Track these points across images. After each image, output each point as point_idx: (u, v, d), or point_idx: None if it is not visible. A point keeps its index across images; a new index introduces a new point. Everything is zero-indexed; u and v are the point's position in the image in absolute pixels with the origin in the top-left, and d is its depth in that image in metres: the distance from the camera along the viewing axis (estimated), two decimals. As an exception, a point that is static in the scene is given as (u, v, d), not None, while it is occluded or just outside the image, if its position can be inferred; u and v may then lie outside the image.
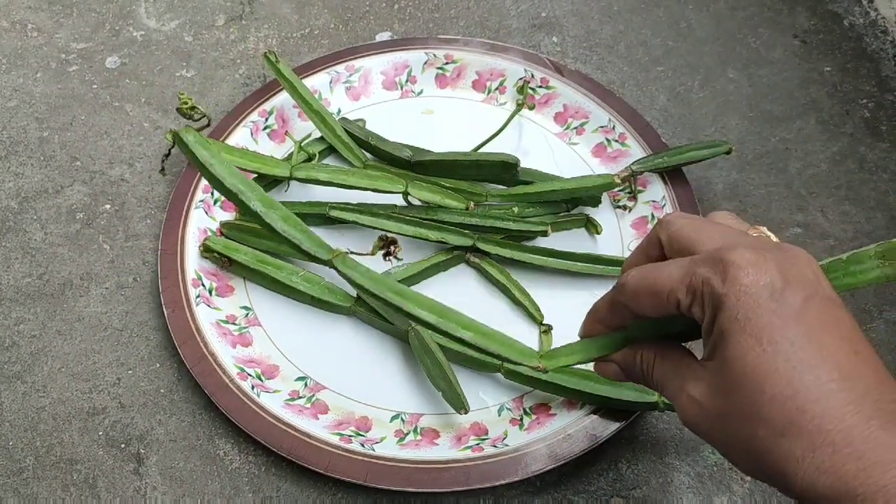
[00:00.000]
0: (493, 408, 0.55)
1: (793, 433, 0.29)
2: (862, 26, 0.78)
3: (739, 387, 0.31)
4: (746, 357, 0.30)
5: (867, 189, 0.66)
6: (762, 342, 0.30)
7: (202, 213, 0.62)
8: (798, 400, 0.29)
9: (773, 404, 0.30)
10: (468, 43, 0.72)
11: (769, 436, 0.30)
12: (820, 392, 0.29)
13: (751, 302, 0.31)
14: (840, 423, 0.28)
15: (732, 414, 0.31)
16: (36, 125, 0.70)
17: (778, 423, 0.29)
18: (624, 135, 0.66)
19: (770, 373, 0.30)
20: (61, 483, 0.53)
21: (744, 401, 0.31)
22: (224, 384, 0.53)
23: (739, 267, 0.31)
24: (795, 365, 0.29)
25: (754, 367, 0.30)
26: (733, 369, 0.31)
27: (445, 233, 0.59)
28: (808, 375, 0.29)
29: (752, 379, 0.30)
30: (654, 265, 0.36)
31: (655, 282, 0.35)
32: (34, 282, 0.61)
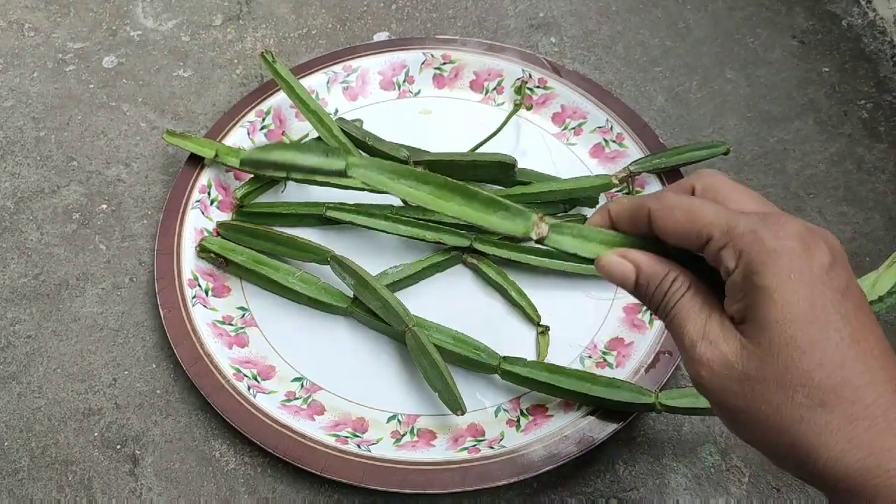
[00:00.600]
0: (489, 409, 0.55)
1: (833, 403, 0.29)
2: (860, 27, 0.77)
3: (784, 349, 0.30)
4: (799, 321, 0.29)
5: (865, 190, 0.66)
6: (815, 309, 0.30)
7: (199, 214, 0.62)
8: (845, 371, 0.29)
9: (820, 372, 0.29)
10: (466, 43, 0.72)
11: (806, 403, 0.29)
12: (865, 366, 0.29)
13: (805, 268, 0.30)
14: (880, 399, 0.29)
15: (767, 378, 0.30)
16: (32, 125, 0.70)
17: (819, 392, 0.29)
18: (622, 135, 0.66)
19: (821, 341, 0.29)
20: (56, 484, 0.52)
21: (786, 364, 0.30)
22: (220, 385, 0.53)
23: (792, 234, 0.31)
24: (845, 337, 0.29)
25: (806, 332, 0.29)
26: (780, 330, 0.30)
27: (442, 233, 0.59)
28: (855, 349, 0.29)
29: (800, 344, 0.29)
30: (701, 199, 0.34)
31: (697, 209, 0.32)
32: (30, 282, 0.61)
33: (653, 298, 0.35)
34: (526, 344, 0.58)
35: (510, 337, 0.58)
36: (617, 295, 0.60)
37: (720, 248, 0.32)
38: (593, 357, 0.57)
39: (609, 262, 0.35)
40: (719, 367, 0.31)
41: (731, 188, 0.34)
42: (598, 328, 0.58)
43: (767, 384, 0.30)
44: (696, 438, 0.54)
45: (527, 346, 0.58)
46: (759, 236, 0.31)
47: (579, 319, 0.59)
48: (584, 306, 0.59)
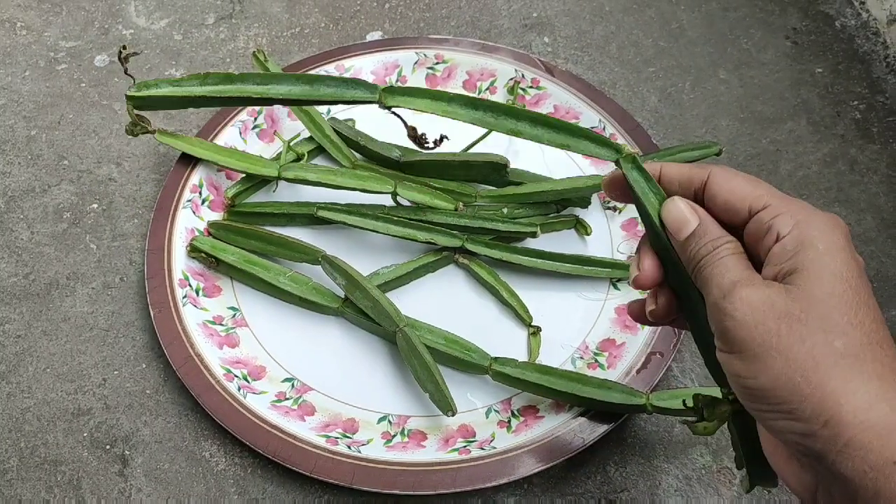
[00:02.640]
0: (480, 410, 0.55)
1: (868, 358, 0.31)
2: (853, 28, 0.77)
3: (832, 299, 0.31)
4: (849, 280, 0.32)
5: (857, 191, 0.66)
6: (862, 278, 0.33)
7: (190, 213, 0.61)
8: (879, 335, 0.31)
9: (860, 329, 0.31)
10: (459, 43, 0.72)
11: (842, 351, 0.31)
12: (890, 340, 0.32)
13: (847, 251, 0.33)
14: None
15: (810, 319, 0.31)
16: (24, 124, 0.70)
17: (857, 344, 0.31)
18: (615, 135, 0.66)
19: (864, 304, 0.32)
20: (45, 484, 0.52)
21: (830, 312, 0.31)
22: (210, 385, 0.53)
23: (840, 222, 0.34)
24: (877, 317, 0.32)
25: (854, 292, 0.32)
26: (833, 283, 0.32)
27: (434, 233, 0.59)
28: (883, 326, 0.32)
29: (848, 300, 0.32)
30: None
31: (756, 182, 0.36)
32: (20, 281, 0.61)
33: (702, 249, 0.36)
34: (517, 345, 0.58)
35: (501, 338, 0.58)
36: (609, 296, 0.60)
37: (776, 215, 0.34)
38: (585, 358, 0.57)
39: (678, 205, 0.37)
40: (760, 303, 0.32)
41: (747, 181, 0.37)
42: (590, 329, 0.58)
43: (809, 325, 0.31)
44: (688, 440, 0.54)
45: (518, 347, 0.57)
46: (815, 213, 0.34)
47: (571, 320, 0.59)
48: (575, 307, 0.59)
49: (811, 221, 0.33)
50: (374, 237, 0.61)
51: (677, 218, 0.37)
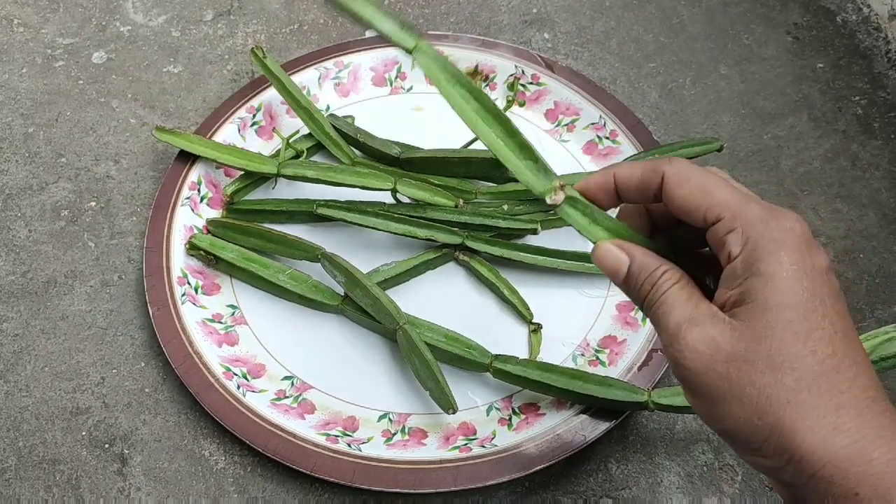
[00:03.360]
0: (481, 407, 0.54)
1: (822, 389, 0.29)
2: (855, 23, 0.77)
3: (779, 333, 0.30)
4: (798, 307, 0.30)
5: (859, 187, 0.66)
6: (815, 300, 0.31)
7: (188, 211, 0.61)
8: (836, 360, 0.30)
9: (812, 358, 0.30)
10: (458, 39, 0.71)
11: (794, 387, 0.30)
12: (852, 360, 0.30)
13: (807, 264, 0.31)
14: (867, 392, 0.29)
15: (757, 359, 0.30)
16: (21, 121, 0.69)
17: (809, 377, 0.30)
18: (615, 132, 0.66)
19: (817, 330, 0.30)
20: (44, 483, 0.52)
21: (779, 348, 0.30)
22: (209, 384, 0.53)
23: (799, 230, 0.32)
24: (838, 331, 0.30)
25: (804, 320, 0.30)
26: (778, 315, 0.30)
27: (434, 230, 0.59)
28: (845, 344, 0.30)
29: (796, 329, 0.30)
30: (715, 176, 0.34)
31: (712, 185, 0.33)
32: (18, 280, 0.60)
33: (641, 289, 0.35)
34: (518, 342, 0.57)
35: (502, 335, 0.57)
36: (610, 293, 0.59)
37: (728, 231, 0.32)
38: (586, 355, 0.56)
39: (606, 249, 0.36)
40: (705, 347, 0.32)
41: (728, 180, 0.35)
42: (591, 326, 0.58)
43: (756, 365, 0.30)
44: (689, 437, 0.54)
45: (519, 345, 0.57)
46: (768, 225, 0.31)
47: (572, 317, 0.58)
48: (576, 304, 0.59)
49: (762, 238, 0.31)
50: (374, 234, 0.61)
51: (609, 264, 0.36)
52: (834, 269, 0.32)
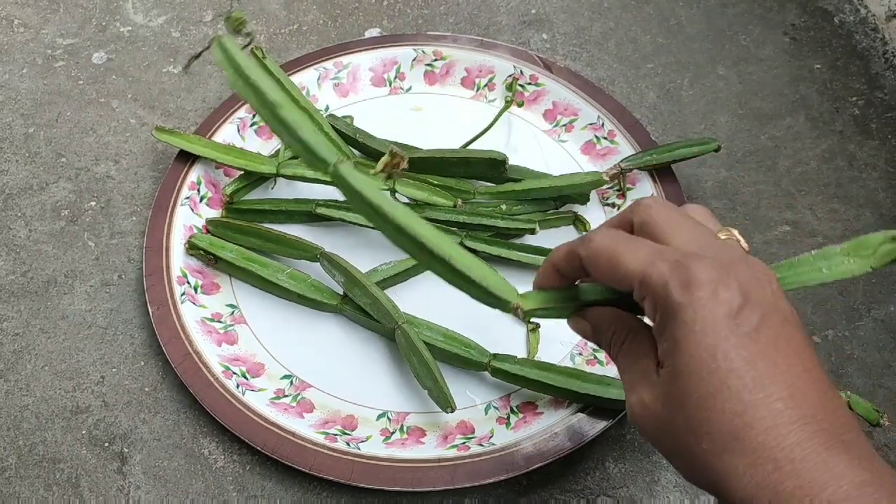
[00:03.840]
0: (479, 406, 0.55)
1: (737, 449, 0.30)
2: (852, 23, 0.77)
3: (689, 399, 0.31)
4: (700, 371, 0.30)
5: (856, 187, 0.66)
6: (716, 359, 0.30)
7: (188, 211, 0.61)
8: (746, 417, 0.29)
9: (722, 419, 0.30)
10: (457, 39, 0.71)
11: (713, 450, 0.30)
12: (767, 410, 0.29)
13: (708, 316, 0.31)
14: (783, 441, 0.29)
15: (678, 425, 0.31)
16: (21, 121, 0.69)
17: (723, 438, 0.30)
18: (613, 132, 0.66)
19: (721, 389, 0.30)
20: (44, 482, 0.52)
21: (692, 413, 0.31)
22: (209, 382, 0.53)
23: (700, 282, 0.31)
24: (747, 383, 0.30)
25: (707, 382, 0.30)
26: (685, 381, 0.31)
27: (433, 230, 0.59)
28: (758, 393, 0.30)
29: (703, 393, 0.30)
30: (627, 237, 0.35)
31: (619, 256, 0.34)
32: (18, 279, 0.60)
33: (605, 348, 0.38)
34: (516, 341, 0.58)
35: (500, 334, 0.57)
36: (608, 292, 0.60)
37: (641, 299, 0.33)
38: (583, 354, 0.57)
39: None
40: (641, 411, 0.33)
41: (666, 221, 0.35)
42: (589, 325, 0.58)
43: (680, 431, 0.31)
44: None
45: (517, 344, 0.57)
46: (668, 289, 0.31)
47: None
48: (574, 303, 0.59)
49: (666, 304, 0.32)
50: (373, 234, 0.61)
51: (580, 333, 0.39)
52: None
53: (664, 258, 0.32)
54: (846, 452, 0.29)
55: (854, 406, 0.49)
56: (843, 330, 0.58)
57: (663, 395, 0.32)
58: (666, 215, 0.35)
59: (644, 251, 0.33)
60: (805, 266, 0.38)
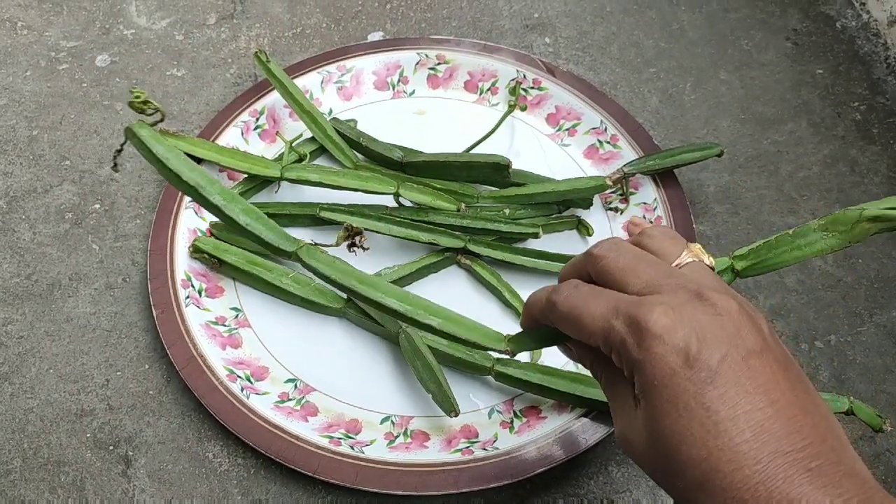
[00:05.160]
0: (483, 410, 0.55)
1: (707, 490, 0.30)
2: (854, 29, 0.78)
3: (659, 444, 0.32)
4: (664, 420, 0.31)
5: (858, 192, 0.66)
6: (678, 408, 0.31)
7: (192, 214, 0.61)
8: (711, 461, 0.30)
9: (689, 465, 0.30)
10: (460, 43, 0.72)
11: (687, 487, 0.31)
12: (732, 453, 0.30)
13: (666, 370, 0.31)
14: (749, 481, 0.29)
15: (654, 465, 0.33)
16: (25, 124, 0.70)
17: (694, 481, 0.31)
18: (616, 136, 0.66)
19: (686, 437, 0.31)
20: (49, 485, 0.52)
21: (666, 453, 0.31)
22: (213, 386, 0.53)
23: (654, 335, 0.31)
24: (709, 429, 0.30)
25: (671, 431, 0.31)
26: (653, 428, 0.32)
27: (436, 234, 0.59)
28: (720, 438, 0.30)
29: (670, 441, 0.31)
30: (584, 296, 0.35)
31: (580, 318, 0.35)
32: (22, 282, 0.61)
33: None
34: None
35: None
36: (610, 296, 0.60)
37: (609, 353, 0.34)
38: (587, 358, 0.57)
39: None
40: (625, 442, 0.34)
41: (618, 269, 0.36)
42: (592, 330, 0.58)
43: (657, 466, 0.32)
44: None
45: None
46: (626, 348, 0.32)
47: (573, 321, 0.59)
48: (577, 308, 0.59)
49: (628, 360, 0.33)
50: (377, 238, 0.61)
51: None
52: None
53: (619, 313, 0.33)
54: (810, 483, 0.29)
55: (856, 411, 0.49)
56: (846, 335, 0.59)
57: (642, 434, 0.33)
58: (618, 263, 0.36)
59: (600, 309, 0.34)
60: (784, 245, 0.39)
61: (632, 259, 0.36)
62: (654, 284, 0.34)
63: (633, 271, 0.35)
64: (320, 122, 0.65)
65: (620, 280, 0.35)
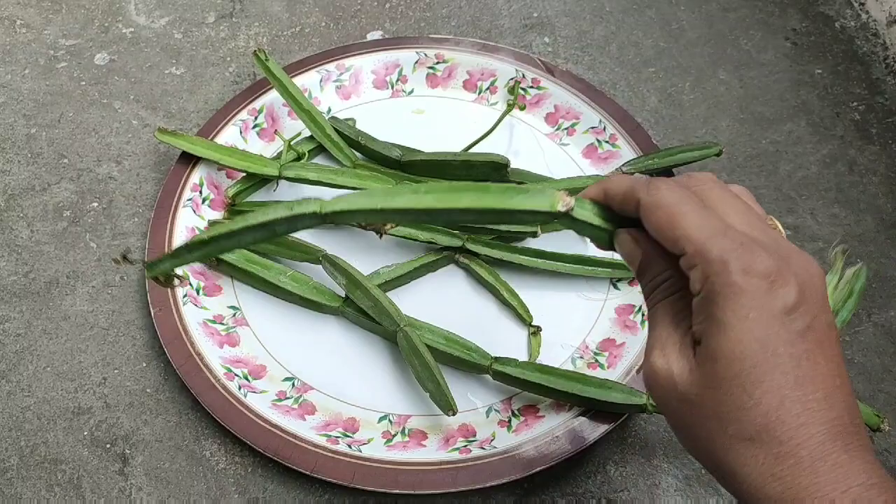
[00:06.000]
0: (481, 409, 0.55)
1: (763, 440, 0.30)
2: (853, 29, 0.78)
3: (724, 382, 0.31)
4: (744, 359, 0.30)
5: (857, 192, 0.66)
6: (765, 351, 0.30)
7: (190, 212, 0.61)
8: (781, 412, 0.30)
9: (756, 410, 0.30)
10: (459, 42, 0.72)
11: (737, 436, 0.31)
12: (803, 408, 0.30)
13: (765, 308, 0.30)
14: (810, 440, 0.29)
15: (705, 405, 0.31)
16: (23, 122, 0.70)
17: (752, 428, 0.30)
18: (615, 136, 0.66)
19: (763, 381, 0.30)
20: (46, 483, 0.52)
21: (723, 398, 0.31)
22: (211, 384, 0.53)
23: (761, 272, 0.30)
24: (790, 380, 0.30)
25: (749, 372, 0.30)
26: (724, 364, 0.31)
27: (435, 233, 0.59)
28: (797, 391, 0.30)
29: (743, 382, 0.30)
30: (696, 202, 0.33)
31: (682, 216, 0.32)
32: (20, 280, 0.61)
33: (645, 287, 0.36)
34: (518, 344, 0.58)
35: (502, 337, 0.58)
36: (609, 296, 0.60)
37: (690, 266, 0.32)
38: (585, 358, 0.57)
39: (623, 239, 0.36)
40: (665, 381, 0.33)
41: (721, 199, 0.34)
42: (590, 329, 0.58)
43: (704, 411, 0.31)
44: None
45: (518, 347, 0.57)
46: (727, 268, 0.30)
47: (571, 320, 0.59)
48: (575, 307, 0.59)
49: (719, 281, 0.31)
50: (375, 237, 0.61)
51: (625, 253, 0.36)
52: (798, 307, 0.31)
53: (728, 236, 0.31)
54: (860, 457, 0.30)
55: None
56: (844, 335, 0.59)
57: (696, 371, 0.32)
58: (721, 194, 0.34)
59: (711, 222, 0.32)
60: None
61: (732, 196, 0.34)
62: (754, 228, 0.33)
63: (734, 208, 0.33)
64: (319, 121, 0.65)
65: (721, 210, 0.33)
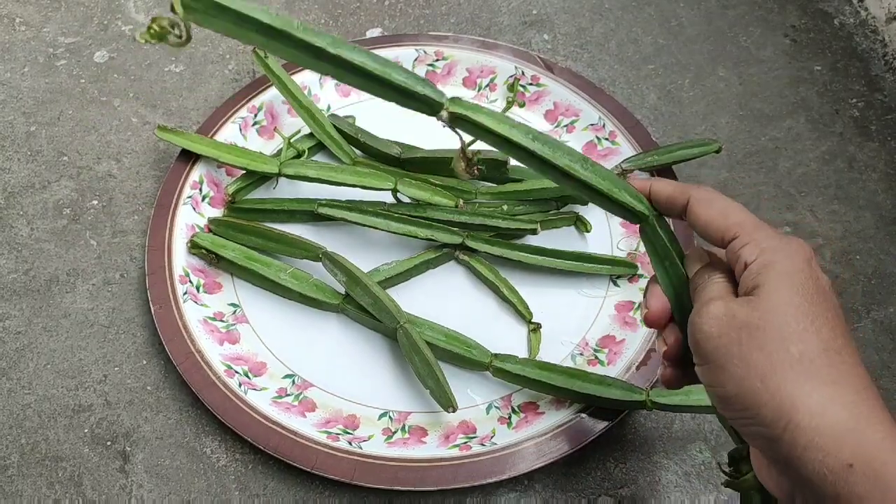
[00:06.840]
0: (481, 406, 0.55)
1: (823, 363, 0.32)
2: (852, 25, 0.78)
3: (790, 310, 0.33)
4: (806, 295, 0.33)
5: (856, 188, 0.66)
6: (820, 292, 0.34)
7: (190, 210, 0.61)
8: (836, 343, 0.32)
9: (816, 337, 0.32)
10: (459, 40, 0.72)
11: (797, 357, 0.32)
12: (853, 354, 0.33)
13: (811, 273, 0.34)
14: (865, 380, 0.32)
15: (768, 327, 0.33)
16: (23, 120, 0.69)
17: (812, 351, 0.32)
18: (614, 133, 0.66)
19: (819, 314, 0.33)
20: (46, 480, 0.52)
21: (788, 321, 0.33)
22: (211, 381, 0.53)
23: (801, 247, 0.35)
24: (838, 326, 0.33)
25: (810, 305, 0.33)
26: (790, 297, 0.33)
27: (435, 230, 0.59)
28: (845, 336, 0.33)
29: (806, 311, 0.33)
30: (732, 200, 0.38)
31: (731, 208, 0.37)
32: (20, 277, 0.61)
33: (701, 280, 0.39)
34: (518, 341, 0.58)
35: (502, 334, 0.58)
36: (608, 293, 0.60)
37: (743, 245, 0.36)
38: (585, 354, 0.57)
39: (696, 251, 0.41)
40: (723, 314, 0.34)
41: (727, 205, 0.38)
42: (590, 326, 0.58)
43: (766, 332, 0.33)
44: (687, 435, 0.54)
45: (518, 344, 0.58)
46: (780, 242, 0.35)
47: (571, 317, 0.59)
48: (575, 304, 0.60)
49: (775, 248, 0.35)
50: (375, 234, 0.61)
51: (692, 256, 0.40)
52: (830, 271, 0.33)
53: (764, 225, 0.37)
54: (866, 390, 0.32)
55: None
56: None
57: (755, 303, 0.34)
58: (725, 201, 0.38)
59: (750, 215, 0.37)
60: None
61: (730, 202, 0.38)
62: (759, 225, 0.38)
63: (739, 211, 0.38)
64: (318, 119, 0.65)
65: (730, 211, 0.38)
